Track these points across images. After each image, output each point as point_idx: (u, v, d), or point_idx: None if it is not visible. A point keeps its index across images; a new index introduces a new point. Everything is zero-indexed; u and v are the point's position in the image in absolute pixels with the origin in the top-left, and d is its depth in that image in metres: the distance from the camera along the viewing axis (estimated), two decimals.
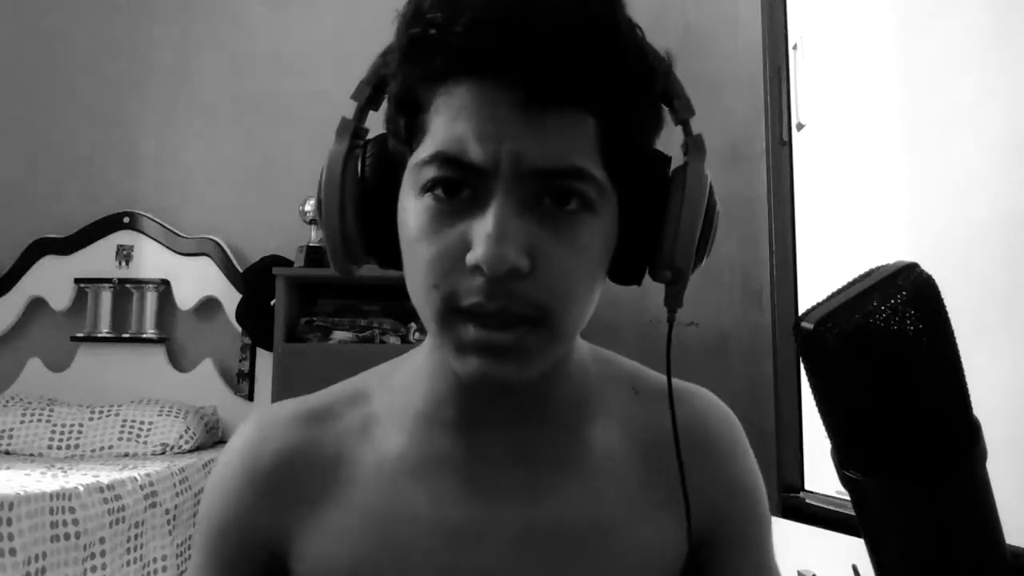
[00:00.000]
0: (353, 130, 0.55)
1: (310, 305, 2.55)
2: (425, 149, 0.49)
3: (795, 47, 1.67)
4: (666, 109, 0.54)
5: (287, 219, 2.75)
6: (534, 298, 0.48)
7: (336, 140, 0.54)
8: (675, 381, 0.59)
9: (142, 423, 2.62)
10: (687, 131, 0.54)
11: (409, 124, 0.51)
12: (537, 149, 0.47)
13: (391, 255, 0.54)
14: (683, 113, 0.53)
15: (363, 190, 0.53)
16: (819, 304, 0.39)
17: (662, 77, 0.52)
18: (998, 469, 0.40)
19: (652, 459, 0.61)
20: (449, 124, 0.48)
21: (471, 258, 0.47)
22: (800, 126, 1.66)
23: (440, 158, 0.48)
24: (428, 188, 0.49)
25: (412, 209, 0.50)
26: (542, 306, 0.48)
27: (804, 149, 1.66)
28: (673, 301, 0.54)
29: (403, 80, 0.50)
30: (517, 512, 0.58)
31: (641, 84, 0.50)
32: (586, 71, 0.47)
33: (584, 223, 0.49)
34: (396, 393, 0.62)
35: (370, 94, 0.55)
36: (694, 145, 0.53)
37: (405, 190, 0.52)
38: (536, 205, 0.48)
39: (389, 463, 0.59)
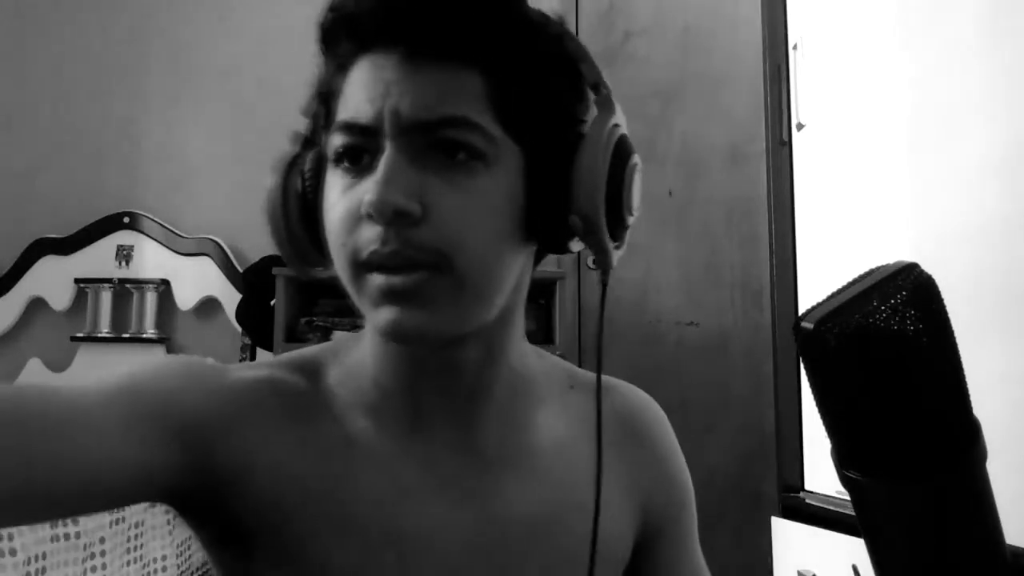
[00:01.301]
0: (303, 141, 0.58)
1: (310, 305, 2.55)
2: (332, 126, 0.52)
3: (795, 47, 1.67)
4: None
5: None
6: (429, 243, 0.49)
7: (290, 148, 0.58)
8: (604, 376, 0.60)
9: None
10: (596, 91, 0.55)
11: (328, 113, 0.54)
12: (415, 102, 0.49)
13: None
14: (591, 76, 0.55)
15: (303, 190, 0.55)
16: (819, 304, 0.39)
17: (552, 37, 0.54)
18: (998, 469, 0.40)
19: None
20: (348, 96, 0.51)
21: (362, 208, 0.49)
22: (800, 126, 1.66)
23: (339, 127, 0.51)
24: (337, 161, 0.52)
25: (328, 184, 0.53)
26: (438, 251, 0.49)
27: (804, 149, 1.66)
28: (601, 260, 0.53)
29: (323, 74, 0.55)
30: (469, 503, 0.58)
31: (521, 40, 0.52)
32: (456, 26, 0.50)
33: (477, 173, 0.51)
34: (347, 375, 0.61)
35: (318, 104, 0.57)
36: (602, 103, 0.54)
37: (327, 173, 0.54)
38: (426, 157, 0.50)
39: (340, 441, 0.58)
